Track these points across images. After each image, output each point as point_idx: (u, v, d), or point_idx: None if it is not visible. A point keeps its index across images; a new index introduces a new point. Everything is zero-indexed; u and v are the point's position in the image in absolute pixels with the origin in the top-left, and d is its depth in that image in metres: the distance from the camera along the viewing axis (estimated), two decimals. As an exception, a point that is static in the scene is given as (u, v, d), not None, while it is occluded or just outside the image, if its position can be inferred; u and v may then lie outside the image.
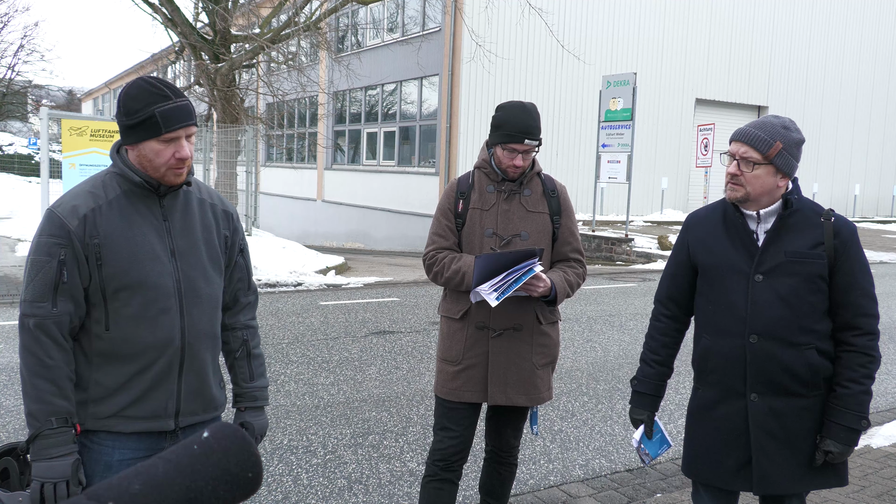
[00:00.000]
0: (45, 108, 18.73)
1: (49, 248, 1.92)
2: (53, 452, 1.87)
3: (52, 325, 1.91)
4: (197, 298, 2.07)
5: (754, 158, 2.29)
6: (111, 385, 1.98)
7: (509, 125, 2.78)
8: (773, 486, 2.37)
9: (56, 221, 1.93)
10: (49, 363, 1.89)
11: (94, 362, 1.98)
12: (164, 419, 2.04)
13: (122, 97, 1.95)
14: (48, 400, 1.88)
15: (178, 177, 2.00)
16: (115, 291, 1.96)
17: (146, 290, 1.98)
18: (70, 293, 1.93)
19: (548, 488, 4.04)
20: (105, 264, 1.94)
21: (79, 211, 1.94)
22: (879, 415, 5.41)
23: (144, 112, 1.91)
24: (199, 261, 2.09)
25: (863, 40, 25.42)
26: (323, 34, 15.98)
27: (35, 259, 1.94)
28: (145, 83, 1.96)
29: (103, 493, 0.75)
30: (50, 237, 1.92)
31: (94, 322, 1.97)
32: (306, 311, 8.54)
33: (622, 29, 20.17)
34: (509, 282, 2.64)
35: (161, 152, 1.95)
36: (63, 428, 1.89)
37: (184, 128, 1.96)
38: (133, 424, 2.00)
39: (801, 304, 2.30)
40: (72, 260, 1.92)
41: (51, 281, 1.91)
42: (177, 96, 1.96)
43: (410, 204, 19.64)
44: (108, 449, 2.00)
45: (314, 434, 4.69)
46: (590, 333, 7.81)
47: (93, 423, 1.99)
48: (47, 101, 44.00)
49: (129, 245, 1.97)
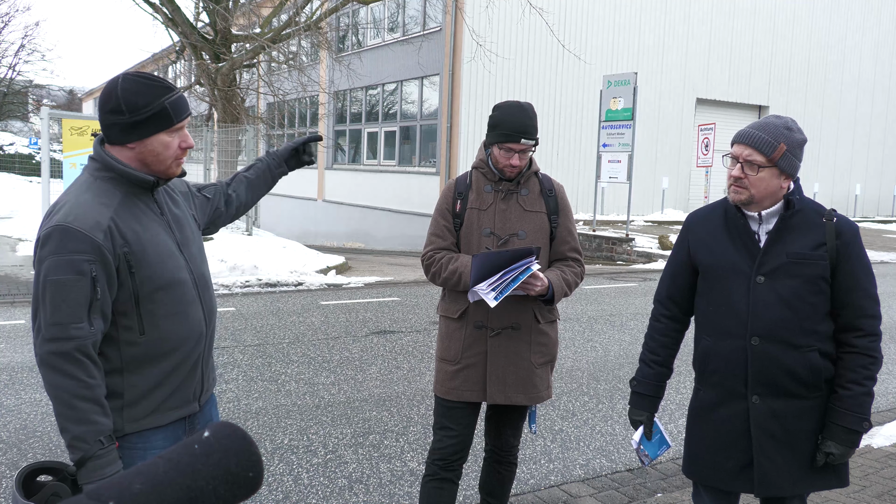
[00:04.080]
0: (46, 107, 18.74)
1: (77, 266, 1.83)
2: (108, 472, 1.84)
3: (91, 346, 1.85)
4: (206, 283, 2.15)
5: (758, 161, 2.27)
6: (149, 385, 1.99)
7: (506, 125, 2.78)
8: (774, 488, 2.36)
9: (79, 237, 1.84)
10: (91, 383, 1.84)
11: (126, 369, 1.96)
12: (192, 403, 2.12)
13: (121, 94, 1.89)
14: (95, 420, 1.84)
15: (180, 166, 2.06)
16: (149, 293, 1.95)
17: (176, 287, 2.01)
18: (101, 310, 1.88)
19: (548, 488, 4.04)
20: (137, 270, 1.93)
21: (101, 223, 1.88)
22: (880, 415, 5.40)
23: (155, 105, 1.91)
24: (198, 247, 2.16)
25: (864, 39, 25.40)
26: (323, 34, 15.98)
27: (60, 279, 1.83)
28: (142, 78, 1.94)
29: (104, 493, 0.75)
30: (75, 254, 1.83)
31: (124, 330, 1.94)
32: (307, 311, 8.54)
33: (623, 28, 20.16)
34: (507, 281, 2.64)
35: (170, 144, 1.97)
36: (111, 446, 1.88)
37: (188, 117, 2.02)
38: (169, 415, 2.04)
39: (803, 305, 2.29)
40: (102, 275, 1.87)
41: (85, 299, 1.84)
42: (175, 87, 2.01)
43: (411, 203, 19.64)
44: (140, 451, 2.00)
45: (315, 434, 4.69)
46: (590, 333, 7.81)
47: (130, 426, 1.98)
48: (48, 101, 44.01)
49: (152, 246, 1.98)
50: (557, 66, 19.02)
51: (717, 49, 22.00)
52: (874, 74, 25.94)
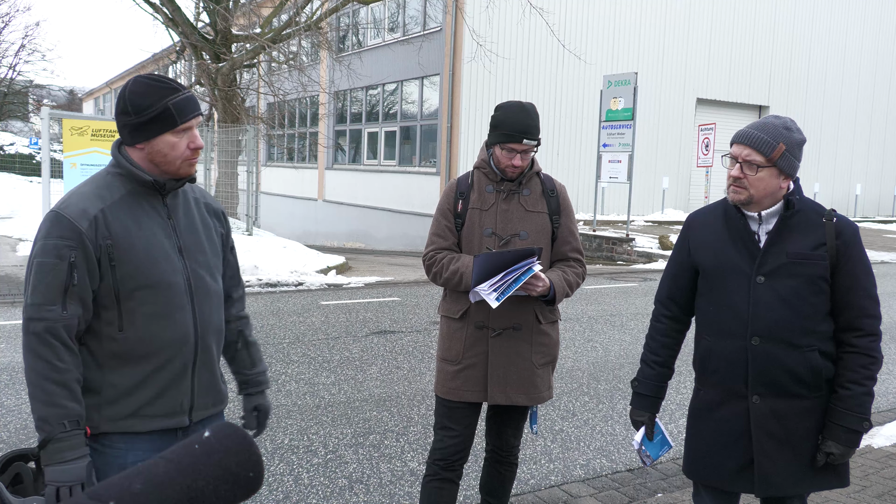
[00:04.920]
0: (47, 107, 18.75)
1: (58, 251, 1.89)
2: (67, 456, 1.86)
3: (62, 329, 1.89)
4: (206, 294, 2.10)
5: (758, 161, 2.27)
6: (127, 385, 1.98)
7: (508, 125, 2.78)
8: (774, 488, 2.36)
9: (64, 223, 1.90)
10: (60, 366, 1.88)
11: (106, 365, 1.97)
12: (180, 415, 2.06)
13: (128, 96, 1.96)
14: (60, 403, 1.87)
15: (192, 167, 2.05)
16: (130, 291, 1.96)
17: (162, 289, 1.99)
18: (79, 296, 1.91)
19: (549, 488, 4.04)
20: (119, 265, 1.94)
21: (88, 212, 1.92)
22: (881, 415, 5.40)
23: (158, 106, 1.94)
24: (204, 257, 2.13)
25: (864, 39, 25.39)
26: (324, 34, 15.99)
27: (42, 262, 1.90)
28: (149, 80, 1.98)
29: (105, 493, 0.75)
30: (59, 239, 1.90)
31: (106, 324, 1.97)
32: (307, 311, 8.54)
33: (623, 28, 20.16)
34: (508, 281, 2.64)
35: (176, 144, 1.98)
36: (75, 431, 1.88)
37: (195, 117, 2.01)
38: (150, 423, 2.01)
39: (803, 305, 2.29)
40: (82, 262, 1.91)
41: (61, 284, 1.89)
42: (183, 88, 2.02)
43: (411, 204, 19.64)
44: (122, 451, 1.99)
45: (315, 434, 4.69)
46: (591, 333, 7.81)
47: (108, 426, 1.98)
48: (48, 101, 44.00)
49: (142, 244, 1.97)
50: (558, 66, 19.03)
51: (718, 49, 22.00)
52: (875, 74, 25.93)
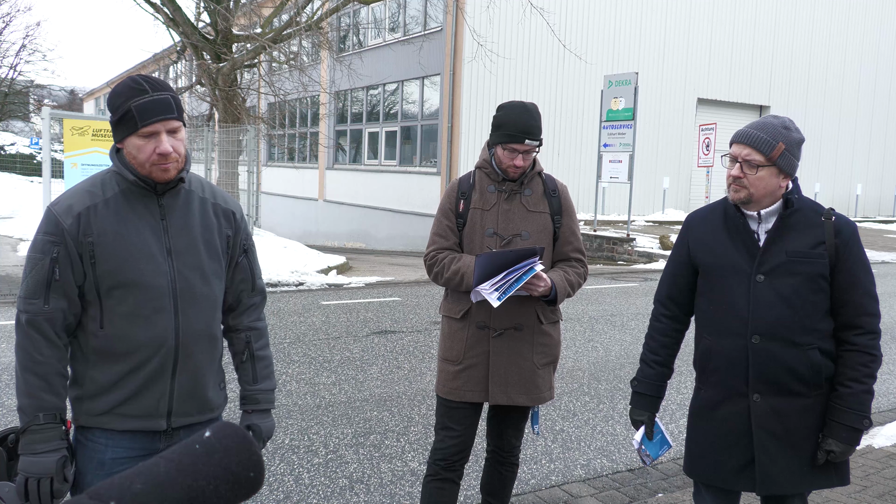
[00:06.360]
0: (47, 107, 18.75)
1: (43, 246, 1.94)
2: (39, 448, 1.87)
3: (44, 322, 1.92)
4: (193, 298, 2.04)
5: (757, 161, 2.28)
6: (105, 382, 1.99)
7: (510, 125, 2.78)
8: (775, 487, 2.36)
9: (52, 219, 1.95)
10: (39, 359, 1.91)
11: (90, 359, 2.00)
12: (155, 418, 2.03)
13: (108, 95, 1.99)
14: (37, 395, 1.90)
15: (165, 172, 1.95)
16: (108, 289, 1.96)
17: (140, 289, 1.97)
18: (63, 290, 1.94)
19: (549, 488, 4.04)
20: (99, 263, 1.95)
21: (73, 209, 1.95)
22: (881, 415, 5.40)
23: (122, 108, 1.91)
24: (196, 260, 2.06)
25: (865, 39, 25.37)
26: (324, 34, 15.99)
27: (31, 256, 1.96)
28: (129, 80, 1.95)
29: (105, 493, 0.75)
30: (45, 235, 1.94)
31: (90, 319, 1.99)
32: (308, 311, 8.54)
33: (624, 28, 20.15)
34: (510, 281, 2.64)
35: (142, 148, 1.92)
36: (50, 424, 1.89)
37: (161, 121, 1.90)
38: (125, 422, 2.00)
39: (803, 303, 2.30)
40: (65, 258, 1.93)
41: (43, 278, 1.92)
42: (155, 90, 1.91)
43: (412, 204, 19.63)
44: (102, 447, 2.01)
45: (316, 433, 4.69)
46: (591, 333, 7.81)
47: (87, 420, 2.00)
48: (49, 101, 44.01)
49: (123, 243, 1.96)
50: (558, 66, 19.02)
51: (718, 49, 21.98)
52: (875, 74, 25.91)
